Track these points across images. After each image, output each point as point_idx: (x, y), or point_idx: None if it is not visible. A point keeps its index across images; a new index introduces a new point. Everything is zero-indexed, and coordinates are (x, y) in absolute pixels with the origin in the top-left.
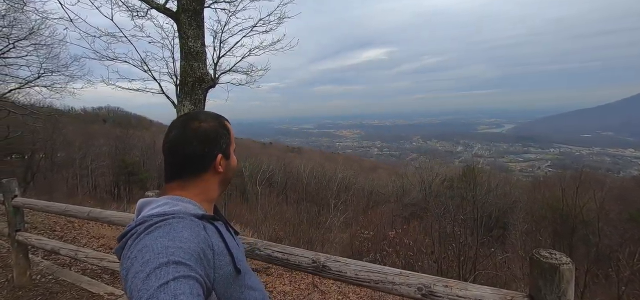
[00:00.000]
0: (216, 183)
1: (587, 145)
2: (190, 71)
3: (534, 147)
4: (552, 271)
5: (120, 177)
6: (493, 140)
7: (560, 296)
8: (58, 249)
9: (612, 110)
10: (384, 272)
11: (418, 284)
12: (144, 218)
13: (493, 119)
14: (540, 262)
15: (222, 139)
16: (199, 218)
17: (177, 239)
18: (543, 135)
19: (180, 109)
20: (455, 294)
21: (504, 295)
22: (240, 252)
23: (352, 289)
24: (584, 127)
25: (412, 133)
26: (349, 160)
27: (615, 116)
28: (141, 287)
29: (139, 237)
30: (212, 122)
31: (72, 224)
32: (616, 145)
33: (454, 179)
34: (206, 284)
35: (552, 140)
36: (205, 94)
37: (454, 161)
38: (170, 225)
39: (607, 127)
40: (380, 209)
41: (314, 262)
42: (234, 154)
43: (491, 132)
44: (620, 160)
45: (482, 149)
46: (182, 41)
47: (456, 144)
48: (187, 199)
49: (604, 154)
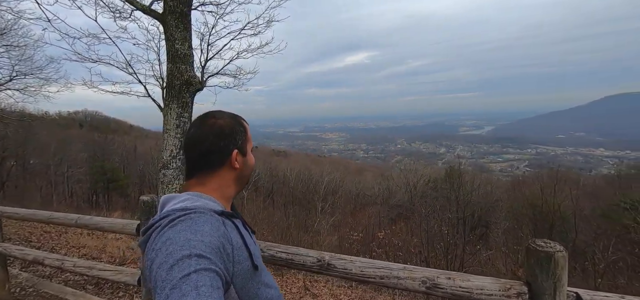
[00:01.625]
0: (232, 180)
1: (561, 146)
2: (178, 74)
3: (513, 147)
4: (548, 259)
5: (99, 184)
6: (474, 141)
7: (555, 282)
8: (42, 259)
9: (583, 112)
10: (389, 268)
11: (422, 277)
12: (167, 212)
13: (474, 121)
14: (536, 251)
15: (237, 135)
16: (219, 214)
17: (199, 233)
18: (520, 136)
19: (167, 113)
20: (458, 286)
21: (503, 285)
22: (257, 250)
23: (343, 291)
24: (558, 128)
25: (397, 135)
26: (335, 163)
27: (586, 117)
28: (165, 277)
29: (162, 230)
30: (227, 119)
31: (49, 234)
32: (588, 145)
33: (438, 180)
34: (225, 277)
35: (529, 141)
36: (192, 96)
37: (437, 162)
38: (192, 219)
39: (579, 128)
40: (367, 211)
41: (319, 261)
42: (252, 153)
43: (472, 134)
44: (591, 159)
45: (463, 150)
46: (168, 43)
47: (439, 145)
48: (207, 196)
49: (576, 153)
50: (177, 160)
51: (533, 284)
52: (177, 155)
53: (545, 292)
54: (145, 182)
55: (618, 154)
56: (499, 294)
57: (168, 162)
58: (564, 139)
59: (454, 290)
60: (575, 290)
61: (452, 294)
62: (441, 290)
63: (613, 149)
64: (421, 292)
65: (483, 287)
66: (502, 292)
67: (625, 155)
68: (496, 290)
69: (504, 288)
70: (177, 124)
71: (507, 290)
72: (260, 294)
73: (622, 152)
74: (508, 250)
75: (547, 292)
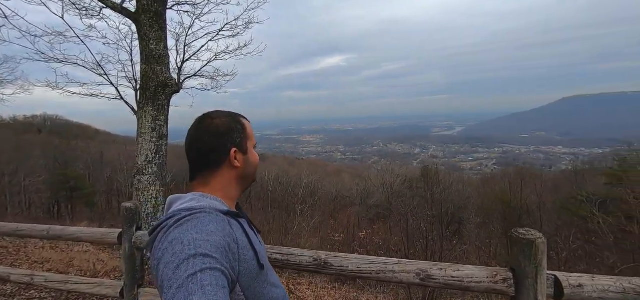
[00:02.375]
0: (235, 179)
1: (525, 144)
2: (153, 75)
3: (481, 147)
4: (530, 245)
5: (61, 193)
6: (446, 142)
7: (537, 266)
8: (7, 275)
9: (543, 113)
10: (384, 262)
11: (416, 270)
12: (173, 212)
13: (445, 122)
14: (519, 239)
15: (235, 133)
16: (224, 213)
17: (205, 232)
18: (488, 136)
19: (142, 116)
20: (450, 275)
21: (490, 272)
22: (263, 249)
23: (327, 292)
24: (521, 128)
25: (373, 137)
26: (313, 165)
27: (545, 118)
28: (171, 277)
29: (169, 230)
30: (224, 118)
31: (6, 249)
32: (548, 144)
33: (414, 179)
34: (231, 276)
35: (496, 141)
36: (169, 99)
37: (412, 162)
38: (198, 219)
39: (539, 128)
40: (347, 212)
41: (315, 260)
42: (254, 151)
43: (444, 135)
44: (551, 156)
45: (436, 150)
46: (142, 44)
47: (414, 146)
48: (212, 196)
49: (538, 151)
50: (153, 165)
51: (517, 269)
52: (153, 160)
53: (528, 276)
54: (114, 191)
55: (574, 151)
56: (487, 281)
57: (143, 167)
58: (527, 138)
59: (446, 280)
60: (554, 273)
61: (445, 283)
62: (434, 280)
63: (570, 147)
64: (416, 284)
65: (472, 275)
66: (489, 279)
67: (580, 153)
68: (484, 277)
69: (491, 275)
70: (152, 128)
71: (494, 277)
72: (267, 294)
73: (577, 149)
74: (481, 243)
75: (529, 276)
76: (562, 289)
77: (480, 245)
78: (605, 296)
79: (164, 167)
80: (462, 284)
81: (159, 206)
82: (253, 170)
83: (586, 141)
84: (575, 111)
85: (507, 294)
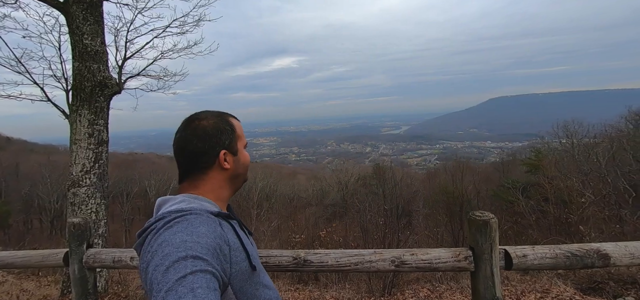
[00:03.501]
0: (225, 180)
1: (461, 140)
2: (88, 74)
3: (425, 144)
4: (485, 225)
5: None
6: (394, 140)
7: (491, 243)
8: None
9: (474, 112)
10: (361, 254)
11: (391, 257)
12: (162, 214)
13: (393, 122)
14: (476, 220)
15: (223, 135)
16: (215, 215)
17: (195, 234)
18: (430, 134)
19: (76, 120)
20: (420, 259)
21: (454, 252)
22: (255, 251)
23: (291, 294)
24: (457, 126)
25: (326, 138)
26: (267, 168)
27: (476, 116)
28: (161, 280)
29: (158, 232)
30: (212, 119)
31: None
32: (479, 139)
33: (367, 177)
34: (222, 278)
35: (437, 138)
36: (108, 100)
37: (364, 161)
38: (188, 221)
39: (472, 125)
40: (304, 213)
41: (294, 259)
42: (245, 151)
43: (391, 133)
44: (482, 150)
45: (386, 149)
46: (74, 38)
47: (365, 145)
48: (203, 197)
49: (472, 146)
50: (91, 175)
51: (475, 247)
52: (92, 169)
53: (485, 252)
54: (34, 208)
55: (500, 145)
56: (452, 260)
57: (80, 178)
58: (462, 134)
59: (418, 263)
60: (504, 248)
61: (417, 266)
62: (408, 265)
63: (496, 141)
64: (391, 271)
65: (439, 257)
66: (454, 258)
67: (505, 146)
68: (449, 257)
69: (454, 254)
70: (89, 133)
71: (458, 256)
72: (259, 295)
73: (502, 143)
74: (429, 232)
75: (486, 252)
76: (511, 259)
77: (429, 233)
78: (543, 261)
79: (104, 177)
80: (432, 265)
81: (100, 221)
82: (244, 171)
83: (509, 136)
84: (500, 110)
85: (468, 270)
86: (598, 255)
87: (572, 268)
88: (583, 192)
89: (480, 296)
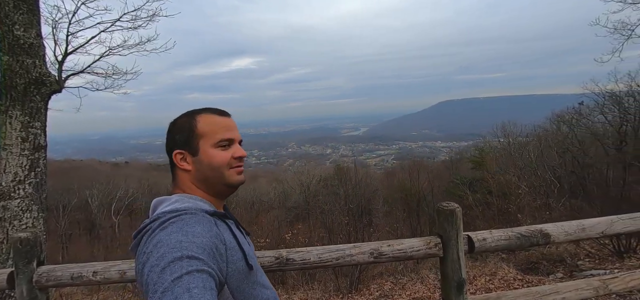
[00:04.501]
0: (190, 181)
1: (415, 141)
2: (21, 70)
3: (382, 145)
4: (452, 214)
5: None
6: (353, 141)
7: (457, 230)
8: None
9: (427, 113)
10: (342, 249)
11: (369, 250)
12: (157, 215)
13: (352, 123)
14: (444, 210)
15: (178, 134)
16: (211, 214)
17: (190, 234)
18: (387, 135)
19: (6, 122)
20: (396, 249)
21: (425, 240)
22: (252, 250)
23: None
24: (411, 127)
25: (287, 140)
26: None
27: (428, 118)
28: (157, 280)
29: (153, 232)
30: (180, 117)
31: None
32: (431, 139)
33: (328, 178)
34: (219, 277)
35: (393, 138)
36: (46, 100)
37: (325, 162)
38: (183, 220)
39: (425, 126)
40: (267, 216)
41: (277, 259)
42: (217, 150)
43: (351, 135)
44: (434, 150)
45: (346, 150)
46: (3, 29)
47: (326, 146)
48: (197, 196)
49: (425, 146)
50: (25, 185)
51: (443, 235)
52: (26, 178)
53: (451, 239)
54: None
55: (449, 145)
56: (424, 248)
57: (11, 189)
58: (416, 135)
59: (395, 253)
60: (467, 234)
61: (394, 256)
62: (385, 256)
63: (446, 141)
64: (370, 262)
65: (413, 246)
66: (425, 246)
67: (453, 145)
68: (422, 246)
69: (426, 242)
70: (23, 138)
71: (428, 244)
72: (257, 295)
73: (451, 143)
74: (390, 228)
75: (452, 238)
76: (474, 244)
77: (390, 229)
78: (499, 243)
79: (42, 187)
80: (407, 254)
81: (38, 238)
82: (212, 173)
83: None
84: (448, 112)
85: (438, 255)
86: (541, 235)
87: (521, 248)
88: (519, 184)
89: (449, 279)
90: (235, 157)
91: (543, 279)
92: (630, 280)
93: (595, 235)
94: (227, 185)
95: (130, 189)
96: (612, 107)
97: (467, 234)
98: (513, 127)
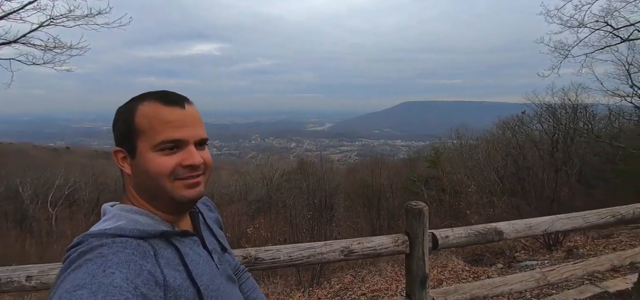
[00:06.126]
0: (133, 187)
1: (377, 138)
2: None
3: (346, 141)
4: (420, 213)
5: None
6: (318, 136)
7: (423, 228)
8: None
9: (389, 113)
10: (313, 247)
11: (340, 248)
12: (79, 240)
13: (317, 118)
14: (412, 209)
15: (116, 127)
16: (152, 237)
17: (103, 289)
18: (351, 132)
19: None
20: (366, 246)
21: (393, 238)
22: (218, 275)
23: None
24: (374, 125)
25: (250, 132)
26: None
27: (390, 117)
28: None
29: (63, 274)
30: (124, 105)
31: None
32: (392, 138)
33: (291, 172)
34: None
35: (356, 135)
36: None
37: (289, 156)
38: (100, 262)
39: (386, 125)
40: (227, 210)
41: (245, 258)
42: (158, 155)
43: (316, 130)
44: (394, 148)
45: (310, 144)
46: None
47: (290, 140)
48: (139, 208)
49: (386, 144)
50: None
51: (410, 232)
52: None
53: (418, 236)
54: None
55: (408, 144)
56: (392, 245)
57: None
58: (378, 133)
59: (365, 251)
60: (431, 231)
61: (363, 253)
62: (355, 253)
63: (405, 140)
64: (341, 260)
65: (382, 243)
66: (394, 244)
67: (412, 145)
68: (390, 243)
69: (394, 240)
70: None
71: (397, 241)
72: None
73: (410, 142)
74: (351, 223)
75: (419, 236)
76: (438, 241)
77: (351, 224)
78: (460, 240)
79: None
80: (376, 251)
81: None
82: (151, 183)
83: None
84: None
85: (405, 252)
86: (496, 232)
87: (478, 243)
88: (469, 183)
89: (414, 274)
90: (184, 166)
91: (487, 270)
92: (565, 272)
93: (540, 232)
94: (173, 201)
95: (73, 178)
96: (547, 117)
97: (431, 232)
98: (465, 130)
